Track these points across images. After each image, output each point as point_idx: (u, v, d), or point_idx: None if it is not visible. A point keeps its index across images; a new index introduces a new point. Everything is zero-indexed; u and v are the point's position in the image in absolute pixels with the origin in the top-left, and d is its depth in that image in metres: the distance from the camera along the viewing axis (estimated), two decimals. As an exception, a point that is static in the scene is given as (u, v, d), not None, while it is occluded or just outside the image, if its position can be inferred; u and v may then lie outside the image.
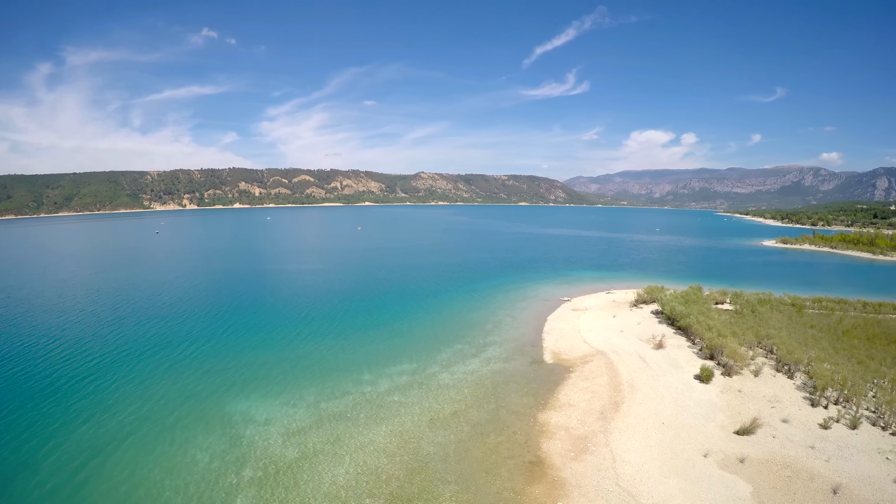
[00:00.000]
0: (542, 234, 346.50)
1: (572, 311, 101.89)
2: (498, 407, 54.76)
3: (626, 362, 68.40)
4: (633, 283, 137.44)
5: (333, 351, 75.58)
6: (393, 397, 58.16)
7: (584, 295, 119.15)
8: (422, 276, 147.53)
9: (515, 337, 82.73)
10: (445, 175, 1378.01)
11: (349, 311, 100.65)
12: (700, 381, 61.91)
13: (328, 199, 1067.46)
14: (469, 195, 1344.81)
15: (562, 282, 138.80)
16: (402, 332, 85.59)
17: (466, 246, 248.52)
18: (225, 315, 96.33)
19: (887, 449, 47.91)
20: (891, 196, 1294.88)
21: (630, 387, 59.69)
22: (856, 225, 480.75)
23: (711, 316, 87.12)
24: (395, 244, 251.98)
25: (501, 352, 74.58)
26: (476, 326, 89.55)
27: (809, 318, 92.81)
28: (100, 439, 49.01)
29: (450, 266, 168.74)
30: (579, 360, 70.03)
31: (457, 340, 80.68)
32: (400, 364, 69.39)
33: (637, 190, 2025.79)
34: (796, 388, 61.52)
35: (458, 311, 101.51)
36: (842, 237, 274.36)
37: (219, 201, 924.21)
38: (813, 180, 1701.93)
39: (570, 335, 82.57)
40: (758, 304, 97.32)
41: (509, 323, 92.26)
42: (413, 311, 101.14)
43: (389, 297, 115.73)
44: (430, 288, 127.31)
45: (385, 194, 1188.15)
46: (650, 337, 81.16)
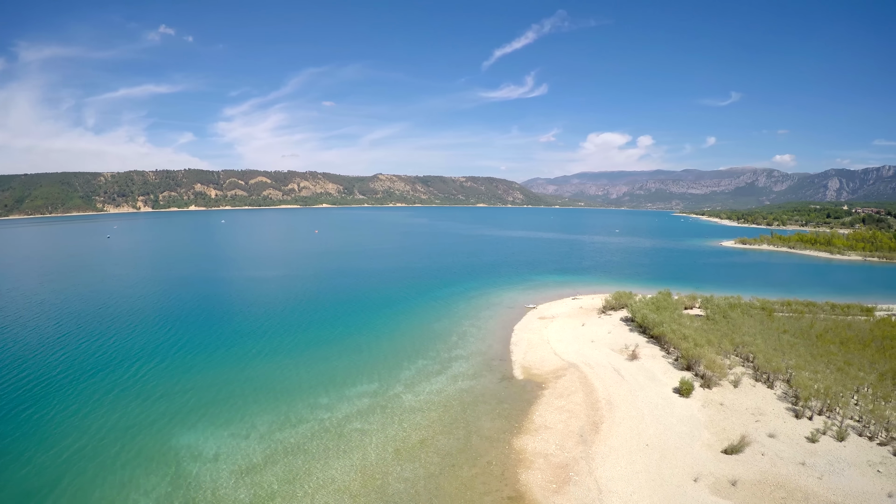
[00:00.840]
0: (503, 236, 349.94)
1: (539, 319, 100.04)
2: (469, 433, 51.45)
3: (600, 376, 66.49)
4: (599, 288, 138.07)
5: (288, 370, 71.13)
6: (354, 424, 54.02)
7: (550, 301, 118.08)
8: (381, 282, 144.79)
9: (482, 350, 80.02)
10: (404, 177, 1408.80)
11: (305, 324, 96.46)
12: (680, 394, 60.62)
13: (285, 201, 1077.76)
14: (427, 197, 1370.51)
15: (526, 287, 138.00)
16: (361, 347, 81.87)
17: (427, 249, 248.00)
18: (173, 330, 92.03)
19: (877, 461, 47.82)
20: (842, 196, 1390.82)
21: (608, 404, 57.57)
22: (810, 224, 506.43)
23: (684, 323, 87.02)
24: (353, 248, 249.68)
25: (468, 367, 71.58)
26: (440, 338, 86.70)
27: (781, 322, 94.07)
28: (31, 482, 43.71)
29: (410, 271, 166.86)
30: (551, 374, 67.66)
31: (420, 355, 77.48)
32: (360, 384, 65.46)
33: (594, 191, 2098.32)
34: (778, 398, 61.23)
35: (421, 321, 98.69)
36: (799, 237, 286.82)
37: (174, 203, 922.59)
38: (766, 181, 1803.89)
39: (539, 347, 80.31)
40: (728, 308, 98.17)
41: (474, 334, 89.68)
42: (373, 322, 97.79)
43: (348, 306, 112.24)
44: (391, 295, 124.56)
45: (343, 196, 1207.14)
46: (623, 347, 79.86)
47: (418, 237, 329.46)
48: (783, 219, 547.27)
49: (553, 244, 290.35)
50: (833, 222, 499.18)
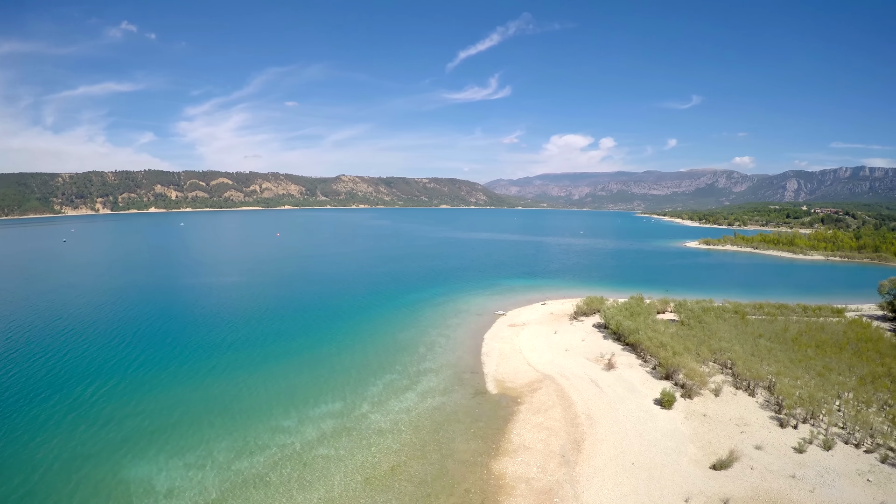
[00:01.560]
0: (467, 238, 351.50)
1: (509, 326, 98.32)
2: (444, 456, 48.73)
3: (578, 388, 64.90)
4: (568, 292, 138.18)
5: (248, 388, 67.15)
6: (319, 450, 50.53)
7: (520, 307, 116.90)
8: (345, 288, 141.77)
9: (452, 362, 77.64)
10: (367, 178, 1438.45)
11: (266, 335, 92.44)
12: (661, 406, 59.57)
13: (247, 202, 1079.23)
14: (390, 198, 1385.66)
15: (494, 292, 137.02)
16: (326, 361, 78.46)
17: (391, 253, 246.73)
18: (126, 345, 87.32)
19: (866, 469, 47.91)
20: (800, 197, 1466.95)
21: (588, 419, 55.86)
22: (770, 224, 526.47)
23: (659, 329, 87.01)
24: (316, 252, 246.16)
25: (439, 382, 68.99)
26: (408, 350, 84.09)
27: (755, 325, 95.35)
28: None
29: (375, 276, 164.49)
30: (526, 387, 65.65)
31: (388, 369, 74.60)
32: (325, 403, 61.98)
33: (556, 192, 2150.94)
34: (760, 406, 61.06)
35: (387, 331, 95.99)
36: (762, 238, 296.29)
37: (133, 205, 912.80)
38: (726, 182, 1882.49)
39: (511, 357, 78.35)
40: (702, 313, 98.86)
41: (443, 344, 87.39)
42: (337, 333, 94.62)
43: (311, 315, 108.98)
44: (355, 302, 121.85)
45: (305, 198, 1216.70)
46: (598, 355, 78.72)
47: (382, 240, 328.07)
48: (744, 219, 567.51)
49: (519, 246, 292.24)
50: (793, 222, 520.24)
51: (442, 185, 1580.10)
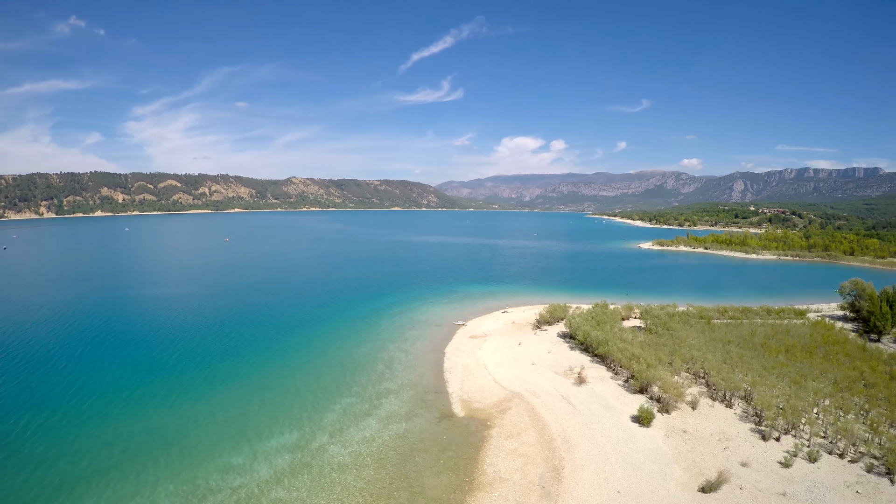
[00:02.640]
0: (421, 242, 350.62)
1: (470, 338, 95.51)
2: (413, 495, 44.93)
3: (550, 407, 62.44)
4: (528, 298, 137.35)
5: (195, 418, 61.39)
6: (276, 492, 45.72)
7: (480, 316, 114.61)
8: (297, 298, 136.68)
9: (413, 380, 73.98)
10: (318, 180, 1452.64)
11: (213, 355, 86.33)
12: (640, 423, 57.86)
13: (196, 205, 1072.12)
14: (341, 200, 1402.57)
15: (451, 300, 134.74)
16: (277, 382, 73.35)
17: (344, 258, 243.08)
18: (60, 368, 79.91)
19: (853, 481, 47.73)
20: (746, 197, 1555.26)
21: (565, 442, 53.32)
22: (720, 224, 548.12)
23: (627, 339, 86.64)
24: (266, 258, 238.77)
25: (401, 404, 65.11)
26: (365, 367, 79.99)
27: (721, 331, 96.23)
28: None
29: (327, 284, 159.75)
30: (495, 408, 62.67)
31: (345, 390, 70.24)
32: (278, 434, 56.95)
33: (508, 194, 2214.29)
34: (739, 418, 60.49)
35: (343, 346, 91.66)
36: (714, 238, 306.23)
37: (79, 209, 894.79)
38: (675, 184, 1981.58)
39: (476, 373, 75.31)
40: (668, 319, 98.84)
41: (403, 360, 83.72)
42: (289, 349, 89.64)
43: (261, 329, 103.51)
44: (308, 314, 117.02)
45: (256, 200, 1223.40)
46: (567, 369, 76.76)
47: (334, 244, 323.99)
48: (693, 219, 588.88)
49: (474, 250, 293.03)
50: (741, 222, 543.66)
51: (393, 188, 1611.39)
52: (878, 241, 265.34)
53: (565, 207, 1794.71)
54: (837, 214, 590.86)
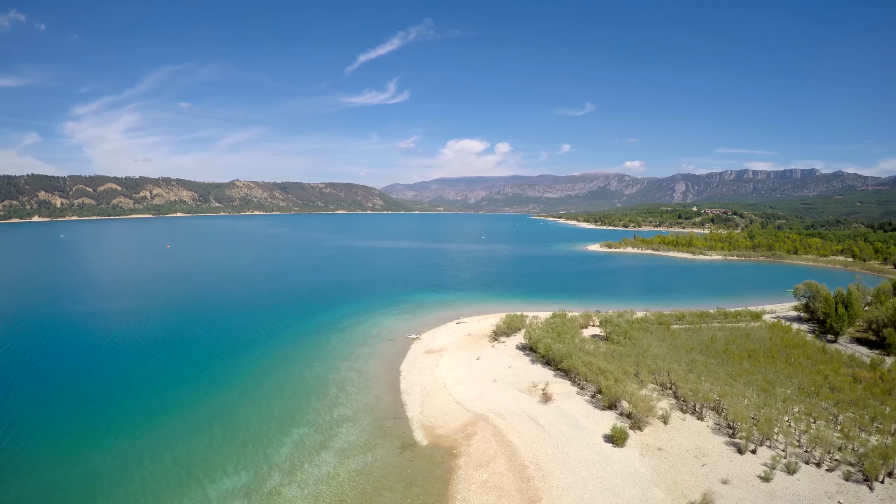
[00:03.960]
0: (369, 247, 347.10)
1: (426, 353, 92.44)
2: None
3: (517, 430, 60.07)
4: (482, 307, 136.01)
5: (138, 459, 55.26)
6: None
7: (434, 328, 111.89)
8: (241, 312, 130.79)
9: (370, 404, 70.16)
10: (261, 183, 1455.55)
11: (151, 382, 79.57)
12: (613, 443, 56.39)
13: (137, 209, 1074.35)
14: (286, 204, 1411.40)
15: (403, 310, 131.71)
16: (224, 412, 68.02)
17: (290, 266, 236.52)
18: None
19: (833, 490, 48.05)
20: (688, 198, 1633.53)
21: (538, 469, 51.02)
22: (663, 225, 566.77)
23: (590, 350, 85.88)
24: (209, 267, 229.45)
25: (358, 434, 61.11)
26: (316, 391, 75.54)
27: (682, 337, 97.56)
28: None
29: (274, 295, 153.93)
30: (460, 433, 59.71)
31: (296, 419, 65.69)
32: (227, 475, 51.76)
33: (453, 196, 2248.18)
34: (713, 431, 60.29)
35: (291, 367, 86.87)
36: (661, 239, 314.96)
37: (16, 214, 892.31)
38: (618, 185, 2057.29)
39: (435, 394, 72.19)
40: (628, 327, 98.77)
41: (356, 381, 79.66)
42: (235, 373, 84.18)
43: (205, 349, 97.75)
44: (252, 331, 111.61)
45: (198, 204, 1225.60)
46: (530, 385, 74.85)
47: (280, 251, 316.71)
48: (638, 220, 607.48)
49: (422, 255, 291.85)
50: (685, 222, 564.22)
51: (338, 191, 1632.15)
52: (821, 241, 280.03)
53: (510, 209, 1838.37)
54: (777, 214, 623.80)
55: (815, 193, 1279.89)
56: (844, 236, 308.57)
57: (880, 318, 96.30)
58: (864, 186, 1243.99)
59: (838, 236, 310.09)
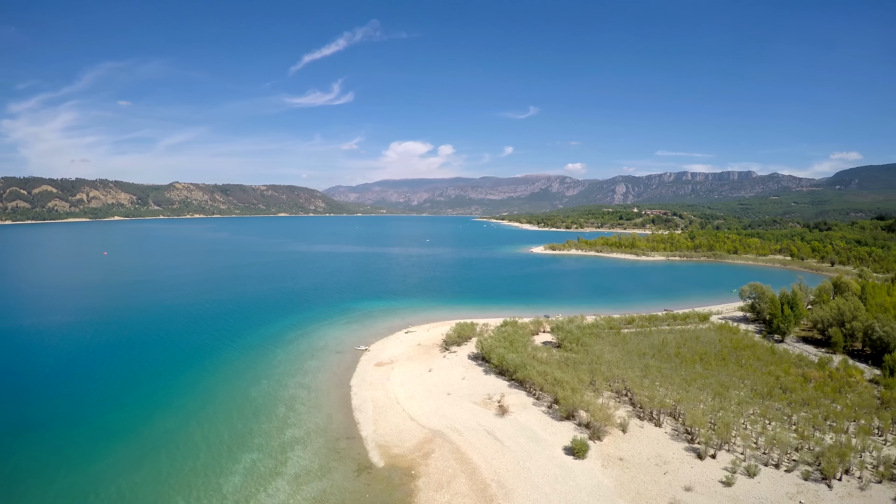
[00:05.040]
0: (313, 252, 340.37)
1: (376, 366, 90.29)
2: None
3: (476, 446, 59.04)
4: (431, 314, 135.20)
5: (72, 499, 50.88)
6: None
7: (382, 339, 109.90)
8: (183, 324, 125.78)
9: (321, 424, 67.64)
10: (202, 185, 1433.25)
11: (89, 407, 74.34)
12: (574, 456, 56.28)
13: (73, 213, 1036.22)
14: (227, 207, 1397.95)
15: (350, 319, 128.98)
16: (168, 439, 63.86)
17: (233, 273, 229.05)
18: None
19: (794, 491, 49.43)
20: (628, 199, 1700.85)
21: (501, 487, 50.12)
22: (605, 226, 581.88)
23: (543, 359, 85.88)
24: (148, 275, 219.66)
25: (312, 457, 58.65)
26: (265, 412, 72.36)
27: (633, 342, 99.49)
28: None
29: (216, 306, 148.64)
30: (417, 452, 58.14)
31: (246, 443, 62.41)
32: None
33: (396, 198, 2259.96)
34: (671, 438, 61.20)
35: (237, 385, 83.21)
36: (604, 241, 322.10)
37: None
38: (559, 187, 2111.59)
39: (389, 410, 70.27)
40: (580, 333, 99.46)
41: (306, 399, 76.81)
42: (178, 393, 79.93)
43: (145, 367, 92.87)
44: (195, 345, 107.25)
45: (137, 207, 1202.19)
46: (485, 397, 74.11)
47: (222, 257, 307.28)
48: (580, 222, 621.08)
49: (367, 260, 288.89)
50: (626, 223, 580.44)
51: (280, 193, 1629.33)
52: (759, 240, 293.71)
53: (453, 211, 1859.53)
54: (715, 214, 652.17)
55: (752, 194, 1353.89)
56: (782, 236, 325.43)
57: (825, 318, 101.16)
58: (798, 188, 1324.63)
59: (776, 236, 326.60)
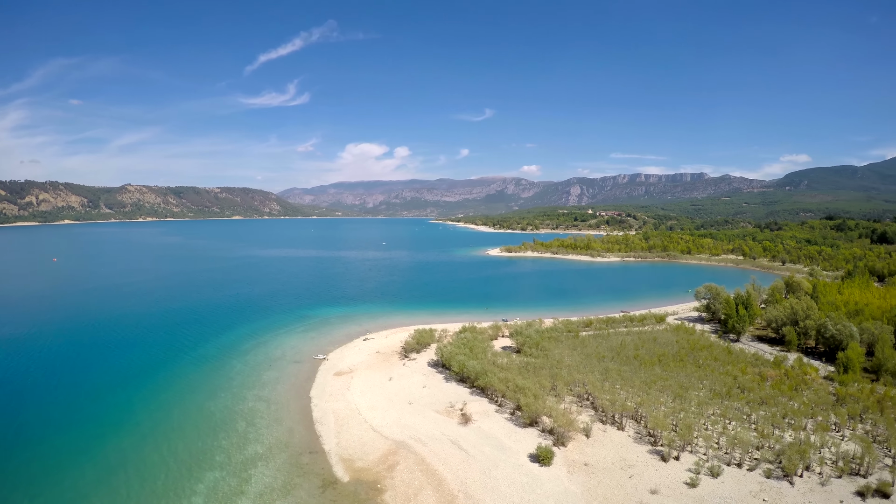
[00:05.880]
0: (268, 256, 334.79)
1: (336, 375, 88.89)
2: None
3: (441, 457, 58.66)
4: (389, 320, 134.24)
5: None
6: None
7: (341, 347, 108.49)
8: (136, 335, 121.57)
9: (283, 439, 65.97)
10: (155, 188, 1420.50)
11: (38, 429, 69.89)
12: (540, 463, 56.65)
13: (22, 216, 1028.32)
14: (180, 210, 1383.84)
15: (307, 327, 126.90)
16: (124, 460, 60.65)
17: (186, 280, 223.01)
18: None
19: (757, 490, 50.89)
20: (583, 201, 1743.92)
21: (468, 498, 50.15)
22: (560, 227, 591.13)
23: (503, 365, 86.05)
24: (99, 283, 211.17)
25: (275, 474, 56.99)
26: (224, 427, 70.03)
27: (591, 344, 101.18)
28: None
29: (170, 315, 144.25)
30: (382, 464, 57.34)
31: (206, 462, 60.04)
32: None
33: (351, 200, 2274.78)
34: (634, 441, 62.16)
35: (193, 399, 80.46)
36: (560, 243, 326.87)
37: None
38: (515, 189, 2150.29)
39: (351, 422, 69.16)
40: (539, 337, 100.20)
41: (265, 413, 74.84)
42: (132, 409, 76.44)
43: (95, 383, 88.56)
44: (150, 357, 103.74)
45: (88, 210, 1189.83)
46: (448, 406, 73.83)
47: (176, 262, 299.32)
48: (536, 223, 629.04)
49: (323, 264, 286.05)
50: (581, 224, 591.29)
51: (234, 195, 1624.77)
52: (712, 241, 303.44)
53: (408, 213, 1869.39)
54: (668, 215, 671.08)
55: (705, 195, 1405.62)
56: (734, 236, 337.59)
57: (779, 318, 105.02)
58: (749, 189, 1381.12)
59: (728, 236, 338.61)
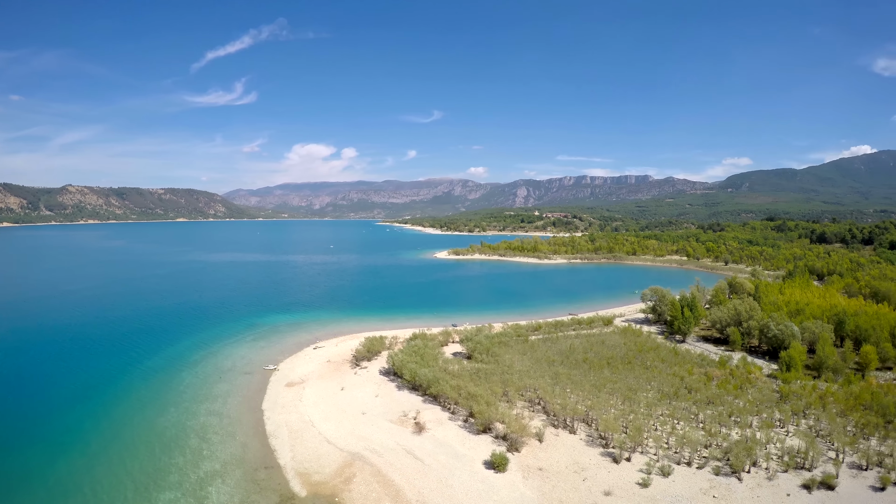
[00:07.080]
0: (214, 261, 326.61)
1: (287, 387, 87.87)
2: None
3: (397, 467, 59.08)
4: (340, 328, 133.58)
5: None
6: None
7: (291, 356, 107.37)
8: (78, 348, 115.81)
9: (237, 454, 64.69)
10: (97, 189, 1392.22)
11: None
12: (495, 469, 57.77)
13: None
14: (123, 212, 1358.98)
15: (256, 336, 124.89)
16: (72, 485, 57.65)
17: (131, 287, 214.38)
18: None
19: (707, 487, 53.34)
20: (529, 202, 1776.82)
21: (425, 509, 50.01)
22: (507, 229, 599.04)
23: (455, 372, 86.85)
24: (37, 292, 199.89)
25: (231, 491, 55.81)
26: (176, 444, 67.83)
27: (541, 349, 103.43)
28: None
29: (114, 324, 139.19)
30: (338, 477, 57.29)
31: (160, 482, 57.86)
32: None
33: (297, 202, 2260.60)
34: (586, 444, 63.97)
35: (143, 416, 77.43)
36: (507, 245, 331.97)
37: None
38: (462, 190, 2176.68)
39: (305, 434, 68.69)
40: (489, 343, 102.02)
41: (218, 427, 73.12)
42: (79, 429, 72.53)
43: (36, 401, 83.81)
44: (94, 372, 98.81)
45: (27, 212, 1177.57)
46: (401, 415, 74.28)
47: (119, 269, 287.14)
48: (483, 225, 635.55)
49: (271, 269, 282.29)
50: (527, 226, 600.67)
51: (179, 197, 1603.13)
52: (657, 242, 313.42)
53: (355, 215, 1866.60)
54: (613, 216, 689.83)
55: (649, 197, 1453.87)
56: (678, 237, 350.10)
57: (723, 319, 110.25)
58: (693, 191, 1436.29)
59: (672, 237, 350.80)
